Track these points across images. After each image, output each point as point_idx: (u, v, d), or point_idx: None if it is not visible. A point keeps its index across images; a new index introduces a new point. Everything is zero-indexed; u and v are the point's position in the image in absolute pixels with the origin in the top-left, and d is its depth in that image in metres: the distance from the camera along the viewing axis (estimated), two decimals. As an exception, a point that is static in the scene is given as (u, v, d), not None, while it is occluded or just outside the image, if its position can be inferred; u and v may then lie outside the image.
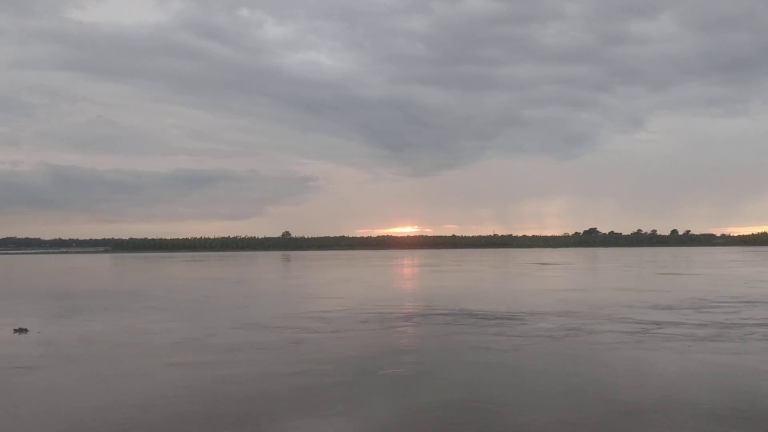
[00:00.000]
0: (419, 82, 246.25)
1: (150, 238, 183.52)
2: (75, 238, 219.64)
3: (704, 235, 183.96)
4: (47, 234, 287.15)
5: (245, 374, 9.63)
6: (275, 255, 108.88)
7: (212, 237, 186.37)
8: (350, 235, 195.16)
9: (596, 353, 11.18)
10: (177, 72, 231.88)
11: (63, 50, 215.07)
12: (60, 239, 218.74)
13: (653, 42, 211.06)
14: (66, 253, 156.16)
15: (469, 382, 8.81)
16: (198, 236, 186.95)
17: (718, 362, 10.02)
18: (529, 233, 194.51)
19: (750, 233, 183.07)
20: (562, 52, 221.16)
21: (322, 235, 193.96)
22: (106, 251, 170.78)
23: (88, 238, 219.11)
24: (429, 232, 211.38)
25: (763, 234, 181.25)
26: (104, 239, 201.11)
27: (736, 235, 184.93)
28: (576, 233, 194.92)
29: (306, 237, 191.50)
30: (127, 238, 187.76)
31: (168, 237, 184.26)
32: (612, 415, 6.86)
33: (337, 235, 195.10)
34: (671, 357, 10.28)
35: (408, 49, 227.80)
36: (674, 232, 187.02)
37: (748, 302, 19.01)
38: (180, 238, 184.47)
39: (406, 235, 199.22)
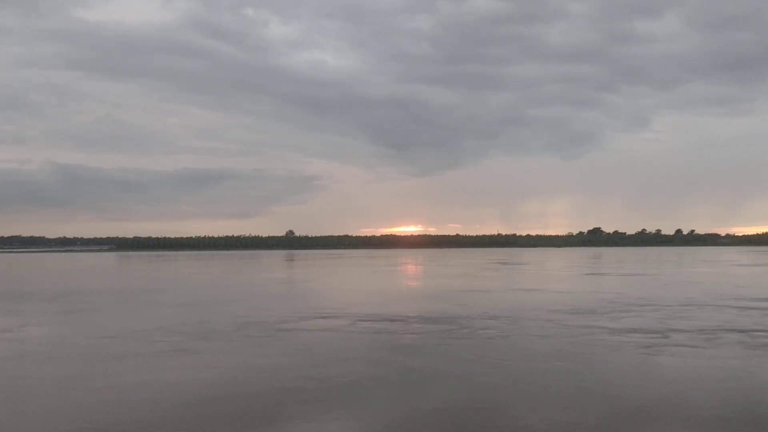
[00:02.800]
0: (424, 81, 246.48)
1: (154, 236, 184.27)
2: (80, 237, 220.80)
3: (709, 234, 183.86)
4: (52, 232, 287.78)
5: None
6: (279, 254, 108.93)
7: (216, 236, 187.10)
8: (354, 234, 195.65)
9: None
10: (182, 71, 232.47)
11: (69, 49, 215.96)
12: (64, 237, 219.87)
13: (658, 41, 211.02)
14: (70, 251, 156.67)
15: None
16: (202, 235, 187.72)
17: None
18: (533, 233, 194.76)
19: (755, 233, 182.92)
20: (566, 51, 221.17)
21: (326, 234, 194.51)
22: (110, 250, 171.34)
23: (92, 236, 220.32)
24: (433, 231, 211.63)
25: (766, 234, 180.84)
26: (109, 238, 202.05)
27: (740, 234, 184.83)
28: (580, 233, 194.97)
29: (309, 236, 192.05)
30: (131, 236, 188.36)
31: (172, 236, 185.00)
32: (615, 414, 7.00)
33: (341, 234, 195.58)
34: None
35: (413, 48, 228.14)
36: (679, 231, 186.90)
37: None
38: (184, 236, 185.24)
39: (409, 234, 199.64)
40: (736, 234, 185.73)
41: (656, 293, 21.13)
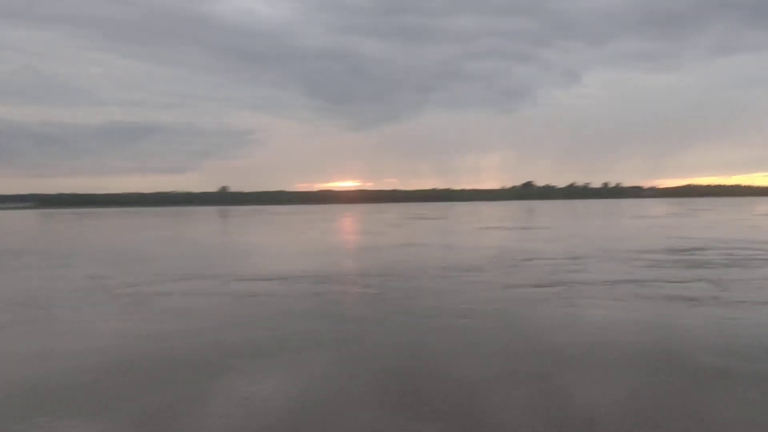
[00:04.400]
0: (360, 32, 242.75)
1: (79, 193, 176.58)
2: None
3: (633, 187, 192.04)
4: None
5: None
6: (207, 211, 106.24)
7: (146, 192, 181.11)
8: (290, 190, 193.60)
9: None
10: (106, 18, 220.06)
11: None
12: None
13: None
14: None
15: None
16: (130, 191, 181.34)
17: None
18: (469, 187, 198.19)
19: (676, 185, 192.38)
20: (503, 4, 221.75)
21: (262, 189, 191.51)
22: (31, 207, 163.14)
23: (12, 193, 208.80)
24: (370, 186, 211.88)
25: (688, 186, 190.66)
26: (30, 194, 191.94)
27: (663, 187, 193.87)
28: (513, 186, 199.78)
29: (244, 192, 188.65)
30: (54, 193, 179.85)
31: (98, 192, 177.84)
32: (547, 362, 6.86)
33: (277, 189, 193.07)
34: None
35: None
36: (606, 184, 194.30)
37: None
38: (111, 193, 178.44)
39: (346, 189, 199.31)
40: (658, 187, 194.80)
41: (539, 246, 21.53)
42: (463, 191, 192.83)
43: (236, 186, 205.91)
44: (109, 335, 8.40)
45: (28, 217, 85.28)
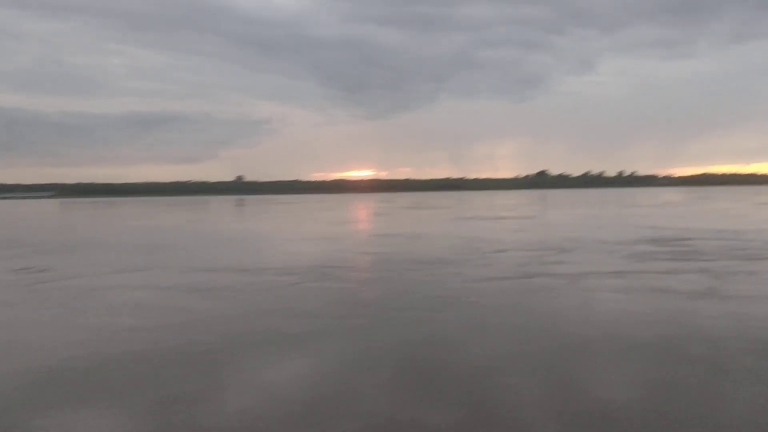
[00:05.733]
0: (374, 21, 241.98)
1: (98, 182, 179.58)
2: (19, 183, 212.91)
3: (647, 176, 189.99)
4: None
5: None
6: (224, 200, 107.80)
7: (163, 181, 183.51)
8: (305, 179, 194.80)
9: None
10: (124, 9, 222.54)
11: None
12: (3, 184, 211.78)
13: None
14: (9, 198, 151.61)
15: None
16: (149, 181, 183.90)
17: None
18: (483, 176, 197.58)
19: (691, 174, 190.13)
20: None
21: (277, 179, 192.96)
22: (52, 196, 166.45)
23: (33, 183, 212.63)
24: (384, 175, 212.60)
25: (703, 175, 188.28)
26: (50, 184, 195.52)
27: (678, 176, 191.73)
28: (527, 175, 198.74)
29: (259, 181, 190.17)
30: (74, 182, 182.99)
31: (117, 181, 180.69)
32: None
33: (292, 179, 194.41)
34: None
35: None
36: (620, 173, 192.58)
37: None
38: (130, 182, 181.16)
39: (360, 178, 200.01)
40: (674, 175, 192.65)
41: (518, 236, 22.25)
42: (476, 180, 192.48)
43: (252, 175, 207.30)
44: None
45: (46, 205, 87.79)
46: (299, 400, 5.61)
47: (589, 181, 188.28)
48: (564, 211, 41.88)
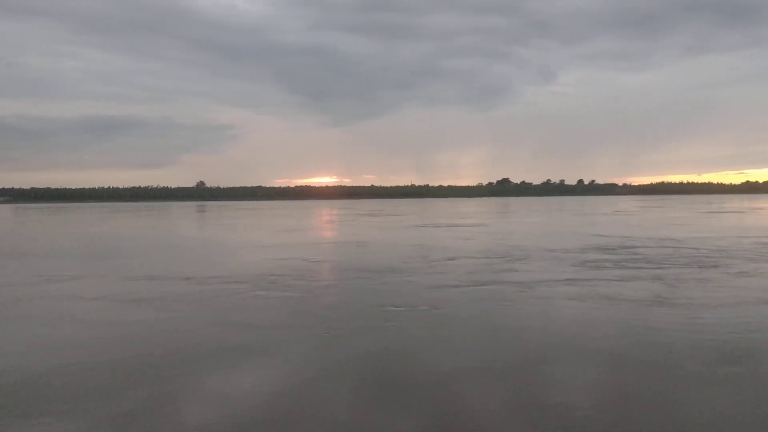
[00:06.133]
0: (339, 28, 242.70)
1: (54, 187, 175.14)
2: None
3: (607, 184, 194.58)
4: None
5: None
6: (180, 206, 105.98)
7: (123, 187, 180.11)
8: (267, 185, 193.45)
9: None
10: (82, 11, 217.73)
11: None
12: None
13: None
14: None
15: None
16: (106, 186, 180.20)
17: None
18: (446, 183, 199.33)
19: (649, 183, 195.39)
20: (480, 2, 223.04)
21: (239, 185, 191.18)
22: (6, 202, 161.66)
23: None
24: (348, 182, 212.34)
25: (660, 184, 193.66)
26: (4, 189, 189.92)
27: (636, 184, 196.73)
28: (489, 183, 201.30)
29: (221, 187, 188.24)
30: (28, 187, 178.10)
31: (74, 187, 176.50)
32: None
33: (255, 185, 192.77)
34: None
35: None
36: (580, 181, 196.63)
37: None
38: (87, 187, 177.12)
39: (324, 185, 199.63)
40: (632, 184, 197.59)
41: (459, 244, 22.39)
42: (440, 188, 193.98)
43: (214, 181, 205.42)
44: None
45: (7, 212, 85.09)
46: (248, 414, 5.35)
47: (551, 189, 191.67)
48: (519, 219, 42.44)
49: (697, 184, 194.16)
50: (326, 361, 6.98)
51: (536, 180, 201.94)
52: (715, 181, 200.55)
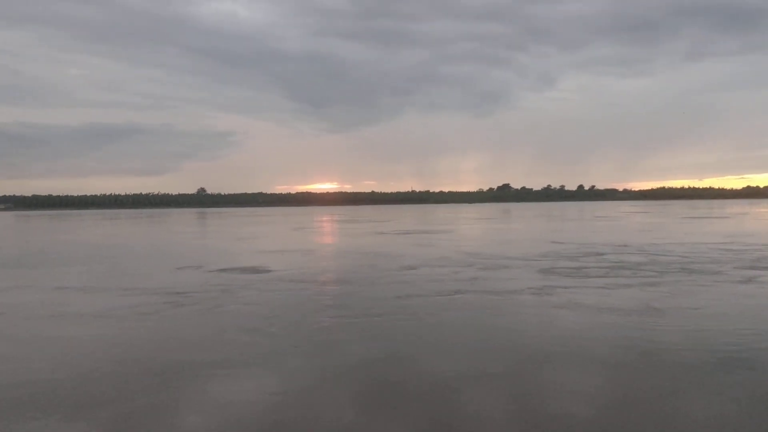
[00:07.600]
0: (339, 36, 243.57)
1: (55, 195, 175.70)
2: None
3: (608, 189, 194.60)
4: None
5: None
6: (181, 213, 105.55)
7: (123, 194, 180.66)
8: (268, 192, 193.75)
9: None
10: (84, 19, 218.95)
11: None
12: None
13: (566, 1, 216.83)
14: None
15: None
16: (108, 193, 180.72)
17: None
18: (446, 189, 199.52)
19: (649, 188, 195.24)
20: (478, 9, 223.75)
21: (240, 191, 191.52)
22: (7, 209, 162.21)
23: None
24: (348, 188, 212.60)
25: (661, 189, 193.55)
26: (5, 196, 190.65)
27: (636, 189, 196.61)
28: (490, 189, 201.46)
29: (222, 194, 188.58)
30: (30, 195, 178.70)
31: (76, 194, 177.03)
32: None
33: (255, 191, 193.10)
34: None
35: (327, 1, 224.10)
36: (581, 187, 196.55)
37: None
38: (88, 195, 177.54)
39: (325, 191, 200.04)
40: (633, 189, 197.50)
41: (421, 251, 22.30)
42: (440, 193, 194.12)
43: (215, 188, 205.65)
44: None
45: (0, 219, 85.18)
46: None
47: (551, 194, 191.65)
48: (494, 226, 42.45)
49: (698, 189, 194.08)
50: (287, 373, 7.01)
51: (537, 185, 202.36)
52: (716, 186, 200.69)
